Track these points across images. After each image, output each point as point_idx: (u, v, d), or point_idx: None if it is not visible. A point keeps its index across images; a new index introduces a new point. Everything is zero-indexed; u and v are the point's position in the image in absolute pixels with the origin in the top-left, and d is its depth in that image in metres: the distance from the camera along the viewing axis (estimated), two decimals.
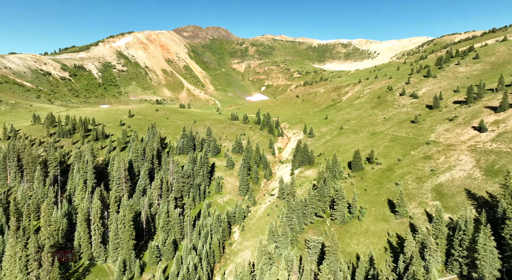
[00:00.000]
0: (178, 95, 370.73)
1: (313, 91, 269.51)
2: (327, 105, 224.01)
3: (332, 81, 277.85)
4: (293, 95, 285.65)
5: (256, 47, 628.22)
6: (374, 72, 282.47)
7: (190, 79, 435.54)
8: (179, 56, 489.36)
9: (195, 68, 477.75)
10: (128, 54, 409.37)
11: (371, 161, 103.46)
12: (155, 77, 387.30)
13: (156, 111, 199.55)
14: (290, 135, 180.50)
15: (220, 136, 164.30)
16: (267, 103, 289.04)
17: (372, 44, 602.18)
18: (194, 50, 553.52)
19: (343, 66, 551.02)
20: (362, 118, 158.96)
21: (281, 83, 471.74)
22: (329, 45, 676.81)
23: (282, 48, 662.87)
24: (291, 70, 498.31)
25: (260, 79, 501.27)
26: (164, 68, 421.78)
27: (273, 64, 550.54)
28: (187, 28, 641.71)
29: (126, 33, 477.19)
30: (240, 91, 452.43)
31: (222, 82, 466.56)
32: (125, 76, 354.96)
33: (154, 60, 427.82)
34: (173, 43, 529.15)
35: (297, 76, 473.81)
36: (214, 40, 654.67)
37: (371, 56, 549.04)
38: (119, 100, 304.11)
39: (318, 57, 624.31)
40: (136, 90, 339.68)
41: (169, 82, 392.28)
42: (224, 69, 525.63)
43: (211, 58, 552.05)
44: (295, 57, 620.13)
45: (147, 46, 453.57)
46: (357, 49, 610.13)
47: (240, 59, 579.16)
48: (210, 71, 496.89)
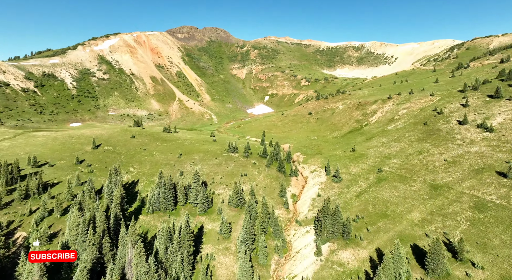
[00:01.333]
0: (168, 108, 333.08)
1: (329, 108, 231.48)
2: (350, 128, 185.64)
3: (352, 95, 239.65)
4: (305, 111, 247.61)
5: (258, 50, 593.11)
6: (402, 84, 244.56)
7: (183, 88, 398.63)
8: (171, 61, 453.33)
9: (190, 75, 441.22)
10: (112, 59, 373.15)
11: (460, 256, 64.65)
12: (142, 86, 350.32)
13: (132, 138, 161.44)
14: (307, 173, 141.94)
15: (213, 179, 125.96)
16: (273, 121, 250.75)
17: (387, 47, 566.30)
18: (189, 54, 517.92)
19: (357, 73, 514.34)
20: (408, 156, 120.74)
21: (287, 92, 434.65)
22: (339, 48, 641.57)
23: (287, 52, 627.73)
24: (298, 77, 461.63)
25: (263, 87, 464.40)
26: (154, 75, 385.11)
27: (277, 69, 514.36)
28: (182, 29, 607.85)
29: (112, 35, 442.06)
30: (241, 101, 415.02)
31: (220, 91, 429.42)
32: (105, 86, 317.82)
33: (142, 66, 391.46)
34: (165, 46, 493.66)
35: (305, 84, 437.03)
36: (212, 42, 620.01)
37: (388, 61, 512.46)
38: (95, 116, 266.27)
39: (327, 62, 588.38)
40: (118, 102, 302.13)
41: (158, 92, 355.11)
42: (223, 76, 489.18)
43: (208, 63, 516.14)
44: (301, 62, 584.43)
45: (134, 50, 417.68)
46: (371, 53, 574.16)
47: (241, 64, 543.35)
48: (206, 78, 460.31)
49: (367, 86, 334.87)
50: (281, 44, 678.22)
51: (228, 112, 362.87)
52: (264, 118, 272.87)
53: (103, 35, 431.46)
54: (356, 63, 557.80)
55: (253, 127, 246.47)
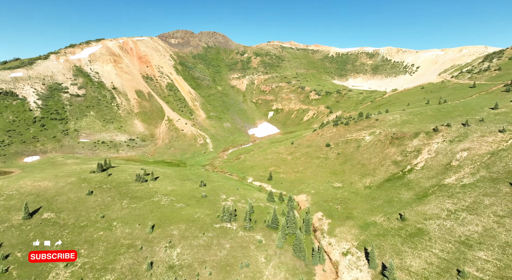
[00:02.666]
0: (155, 130, 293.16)
1: (352, 138, 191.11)
2: (387, 173, 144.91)
3: (380, 122, 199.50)
4: (321, 141, 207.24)
5: (260, 57, 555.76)
6: (442, 107, 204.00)
7: (174, 103, 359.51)
8: (162, 71, 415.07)
9: (182, 87, 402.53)
10: (91, 70, 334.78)
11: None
12: (125, 103, 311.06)
13: (89, 195, 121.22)
14: (337, 256, 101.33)
15: (197, 277, 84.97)
16: (281, 153, 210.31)
17: (406, 54, 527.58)
18: (182, 62, 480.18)
19: (373, 84, 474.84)
20: (506, 248, 79.58)
21: (294, 107, 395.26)
22: (350, 54, 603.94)
23: (292, 59, 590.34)
24: (306, 89, 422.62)
25: (267, 101, 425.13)
26: (140, 89, 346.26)
27: (282, 79, 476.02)
28: (176, 34, 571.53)
29: (93, 42, 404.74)
30: (241, 119, 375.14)
31: (217, 106, 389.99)
32: (80, 104, 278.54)
33: (127, 78, 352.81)
34: (155, 53, 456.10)
35: (314, 98, 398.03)
36: (209, 48, 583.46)
37: (408, 70, 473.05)
38: (61, 144, 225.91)
39: (338, 70, 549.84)
40: (93, 125, 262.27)
41: (144, 109, 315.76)
42: (220, 87, 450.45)
43: (204, 72, 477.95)
44: (309, 70, 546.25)
45: (119, 59, 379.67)
46: (387, 61, 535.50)
47: (241, 73, 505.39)
48: (202, 90, 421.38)
49: (392, 104, 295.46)
50: (286, 50, 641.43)
51: (225, 134, 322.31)
52: (270, 147, 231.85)
53: (83, 42, 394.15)
54: (371, 72, 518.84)
55: (256, 161, 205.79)
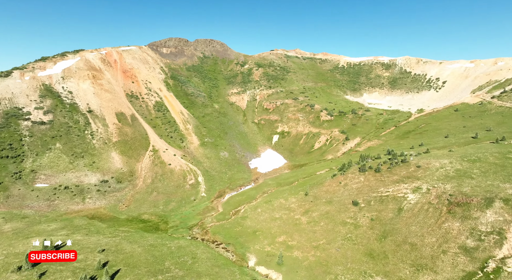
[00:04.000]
0: (136, 165, 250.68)
1: (389, 195, 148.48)
2: (457, 274, 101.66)
3: (425, 171, 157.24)
4: (345, 196, 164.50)
5: (263, 68, 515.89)
6: (505, 148, 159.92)
7: (162, 127, 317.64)
8: (150, 87, 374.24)
9: (173, 107, 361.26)
10: (63, 89, 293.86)
11: None
12: (102, 130, 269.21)
13: None
14: None
15: None
16: (293, 210, 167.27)
17: (427, 65, 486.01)
18: (174, 75, 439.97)
19: (392, 101, 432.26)
20: None
21: (302, 130, 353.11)
22: (363, 65, 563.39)
23: (298, 70, 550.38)
24: (315, 107, 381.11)
25: (271, 122, 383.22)
26: (122, 111, 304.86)
27: (288, 95, 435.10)
28: (168, 42, 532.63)
29: (70, 53, 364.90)
30: (240, 145, 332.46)
31: (213, 129, 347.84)
32: (43, 134, 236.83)
33: (107, 97, 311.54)
34: (143, 66, 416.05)
35: (326, 119, 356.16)
36: (205, 58, 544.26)
37: (432, 85, 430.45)
38: (7, 194, 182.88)
39: (351, 84, 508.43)
40: (57, 162, 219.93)
41: (124, 137, 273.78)
42: (218, 105, 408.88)
43: (199, 87, 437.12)
44: (317, 83, 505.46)
45: (99, 74, 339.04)
46: (407, 73, 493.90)
47: (241, 87, 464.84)
48: (196, 109, 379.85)
49: (423, 133, 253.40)
50: (291, 59, 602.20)
51: (222, 168, 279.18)
52: (277, 197, 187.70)
53: (58, 54, 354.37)
54: (389, 87, 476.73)
55: (260, 221, 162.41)
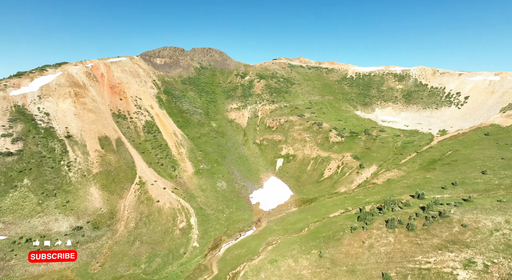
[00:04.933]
0: (118, 203, 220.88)
1: (431, 269, 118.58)
2: None
3: (475, 235, 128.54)
4: (371, 263, 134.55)
5: (265, 80, 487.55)
6: None
7: (152, 152, 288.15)
8: (140, 105, 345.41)
9: (166, 127, 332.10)
10: (39, 110, 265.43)
11: None
12: (81, 159, 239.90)
13: None
14: None
15: None
16: (305, 279, 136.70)
17: (445, 77, 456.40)
18: (168, 89, 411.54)
19: (408, 117, 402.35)
20: None
21: (310, 153, 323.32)
22: (373, 76, 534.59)
23: (303, 81, 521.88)
24: (324, 126, 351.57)
25: (274, 143, 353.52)
26: (106, 135, 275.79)
27: (292, 111, 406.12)
28: (162, 52, 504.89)
29: (51, 67, 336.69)
30: (240, 172, 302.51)
31: (210, 152, 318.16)
32: (9, 168, 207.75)
33: (90, 118, 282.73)
34: (134, 79, 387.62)
35: (336, 141, 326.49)
36: (202, 69, 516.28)
37: (453, 100, 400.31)
38: None
39: (361, 97, 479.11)
40: (22, 203, 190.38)
41: (107, 167, 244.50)
42: (215, 123, 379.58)
43: (195, 102, 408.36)
44: (324, 96, 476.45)
45: (83, 91, 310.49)
46: (422, 85, 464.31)
47: (242, 101, 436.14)
48: (191, 128, 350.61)
49: (452, 165, 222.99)
50: (295, 69, 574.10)
51: (219, 205, 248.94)
52: (285, 258, 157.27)
53: (36, 69, 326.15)
54: (404, 101, 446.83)
55: None
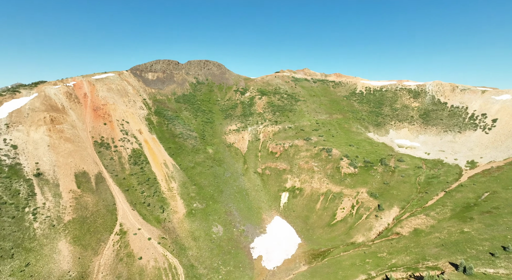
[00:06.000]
0: (92, 262, 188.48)
1: None
2: None
3: None
4: None
5: (267, 97, 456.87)
6: None
7: (138, 189, 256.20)
8: (127, 129, 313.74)
9: (155, 156, 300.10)
10: (6, 143, 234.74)
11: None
12: (52, 204, 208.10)
13: None
14: None
15: None
16: None
17: (467, 94, 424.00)
18: (160, 110, 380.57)
19: (428, 142, 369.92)
20: None
21: (318, 187, 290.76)
22: (385, 91, 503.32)
23: (309, 97, 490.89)
24: (333, 153, 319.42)
25: (278, 172, 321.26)
26: (84, 170, 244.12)
27: (298, 133, 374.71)
28: (155, 66, 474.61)
29: (25, 88, 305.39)
30: (240, 213, 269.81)
31: (205, 187, 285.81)
32: None
33: (67, 150, 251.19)
34: (121, 99, 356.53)
35: (349, 172, 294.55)
36: (199, 84, 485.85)
37: (479, 123, 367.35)
38: None
39: (373, 116, 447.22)
40: None
41: (83, 212, 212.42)
42: (212, 149, 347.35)
43: (189, 124, 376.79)
44: (332, 115, 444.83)
45: (60, 116, 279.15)
46: (441, 104, 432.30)
47: (241, 121, 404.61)
48: (184, 156, 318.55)
49: (495, 215, 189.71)
50: (300, 83, 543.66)
51: (213, 260, 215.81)
52: None
53: (7, 90, 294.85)
54: (421, 122, 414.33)
55: None
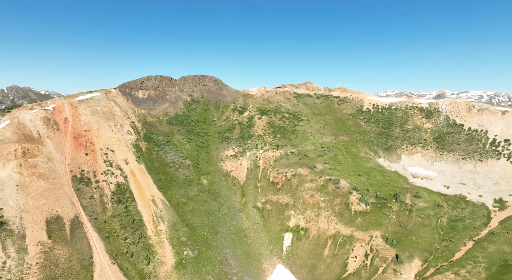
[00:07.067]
0: None
1: None
2: None
3: None
4: None
5: (267, 116, 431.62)
6: None
7: (120, 235, 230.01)
8: (111, 160, 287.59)
9: (143, 191, 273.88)
10: None
11: None
12: (14, 262, 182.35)
13: None
14: None
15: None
16: None
17: (485, 116, 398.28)
18: (150, 134, 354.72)
19: (445, 172, 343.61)
20: None
21: (326, 227, 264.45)
22: (394, 109, 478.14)
23: (312, 115, 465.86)
24: (341, 185, 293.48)
25: (280, 207, 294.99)
26: (58, 214, 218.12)
27: (301, 159, 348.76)
28: (146, 83, 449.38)
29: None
30: (237, 261, 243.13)
31: (198, 227, 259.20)
32: None
33: (40, 189, 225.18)
34: (107, 123, 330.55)
35: (359, 210, 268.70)
36: (194, 103, 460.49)
37: (501, 150, 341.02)
38: None
39: (382, 138, 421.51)
40: None
41: (51, 272, 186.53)
42: (207, 179, 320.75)
43: (182, 150, 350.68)
44: (338, 136, 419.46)
45: (35, 148, 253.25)
46: (457, 126, 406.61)
47: (239, 145, 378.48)
48: (175, 189, 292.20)
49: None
50: (302, 99, 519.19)
51: None
52: None
53: None
54: (436, 147, 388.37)
55: None
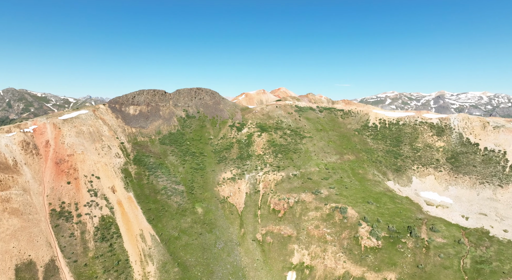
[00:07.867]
0: None
1: None
2: None
3: None
4: None
5: (268, 133, 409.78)
6: None
7: (102, 278, 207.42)
8: (96, 188, 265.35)
9: (130, 224, 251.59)
10: None
11: None
12: None
13: None
14: None
15: None
16: None
17: (501, 134, 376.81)
18: (140, 156, 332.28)
19: (462, 198, 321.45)
20: None
21: (333, 265, 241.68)
22: (403, 124, 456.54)
23: (315, 132, 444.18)
24: (349, 214, 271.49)
25: (282, 239, 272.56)
26: (30, 258, 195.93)
27: (304, 183, 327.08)
28: (138, 97, 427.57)
29: None
30: None
31: (191, 266, 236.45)
32: None
33: (12, 228, 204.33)
34: (93, 145, 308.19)
35: (370, 246, 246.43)
36: (189, 119, 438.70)
37: None
38: None
39: (391, 157, 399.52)
40: None
41: None
42: (202, 207, 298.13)
43: (175, 173, 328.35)
44: (343, 155, 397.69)
45: (9, 178, 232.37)
46: (472, 145, 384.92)
47: (238, 167, 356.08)
48: (167, 221, 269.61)
49: None
50: (304, 113, 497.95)
51: None
52: None
53: None
54: (450, 169, 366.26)
55: None
